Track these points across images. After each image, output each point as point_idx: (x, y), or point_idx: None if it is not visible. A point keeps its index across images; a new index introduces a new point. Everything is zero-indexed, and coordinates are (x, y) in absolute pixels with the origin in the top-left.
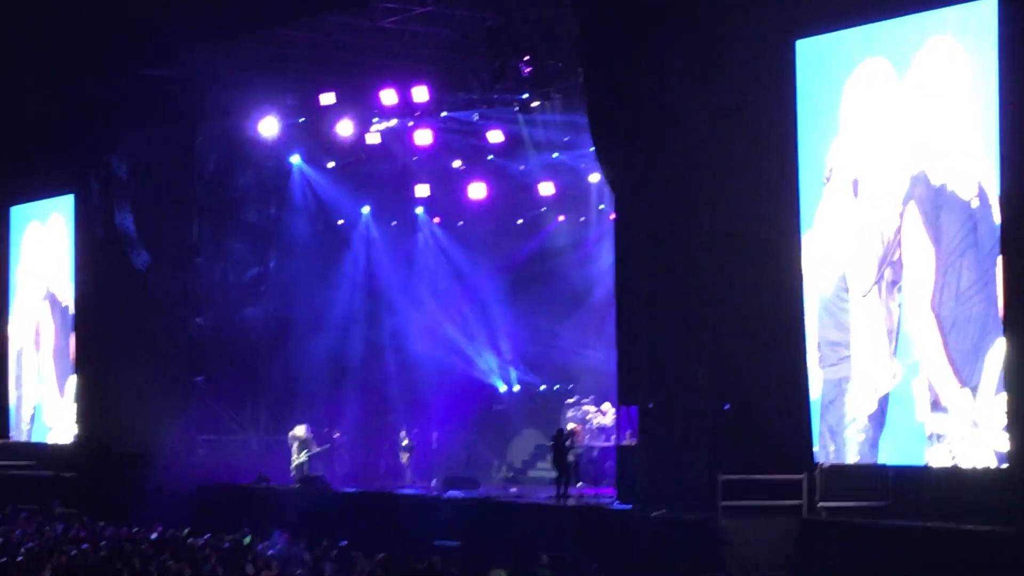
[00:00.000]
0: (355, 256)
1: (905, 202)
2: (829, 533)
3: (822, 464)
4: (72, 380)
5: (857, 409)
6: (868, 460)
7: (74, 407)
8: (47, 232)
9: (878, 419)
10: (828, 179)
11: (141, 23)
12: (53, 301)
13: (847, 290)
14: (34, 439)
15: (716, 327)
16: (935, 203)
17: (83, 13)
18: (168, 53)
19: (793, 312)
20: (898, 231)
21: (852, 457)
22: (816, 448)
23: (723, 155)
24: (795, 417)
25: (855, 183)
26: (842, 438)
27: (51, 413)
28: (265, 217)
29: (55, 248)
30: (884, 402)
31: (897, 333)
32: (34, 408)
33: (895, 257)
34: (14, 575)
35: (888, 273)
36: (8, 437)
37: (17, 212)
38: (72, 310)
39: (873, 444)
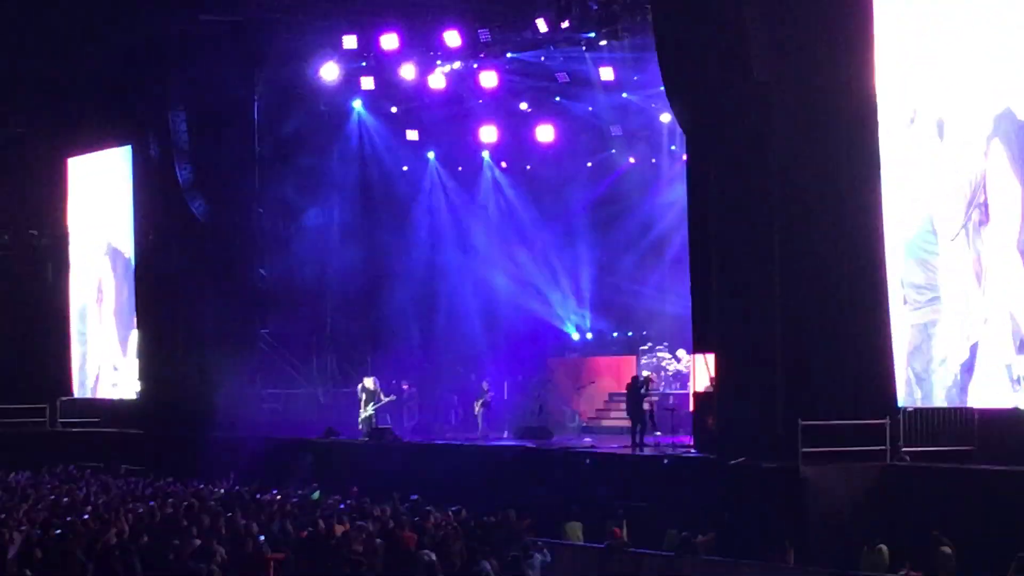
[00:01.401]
0: (422, 203)
1: (989, 140)
2: (913, 478)
3: (906, 408)
4: (135, 335)
5: (946, 353)
6: (956, 405)
7: (137, 363)
8: (106, 185)
9: (968, 364)
10: (913, 120)
11: None
12: (114, 255)
13: (934, 233)
14: (99, 396)
15: (793, 270)
16: (1020, 140)
17: None
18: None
19: (874, 255)
20: (984, 171)
21: (939, 402)
22: (901, 393)
23: (798, 92)
24: (878, 362)
25: (940, 124)
26: (929, 383)
27: (115, 369)
28: (328, 165)
29: (115, 201)
30: (975, 347)
31: (985, 276)
32: (98, 365)
33: (981, 199)
34: (81, 533)
35: (975, 215)
36: (72, 394)
37: (75, 164)
38: (133, 264)
39: (963, 389)
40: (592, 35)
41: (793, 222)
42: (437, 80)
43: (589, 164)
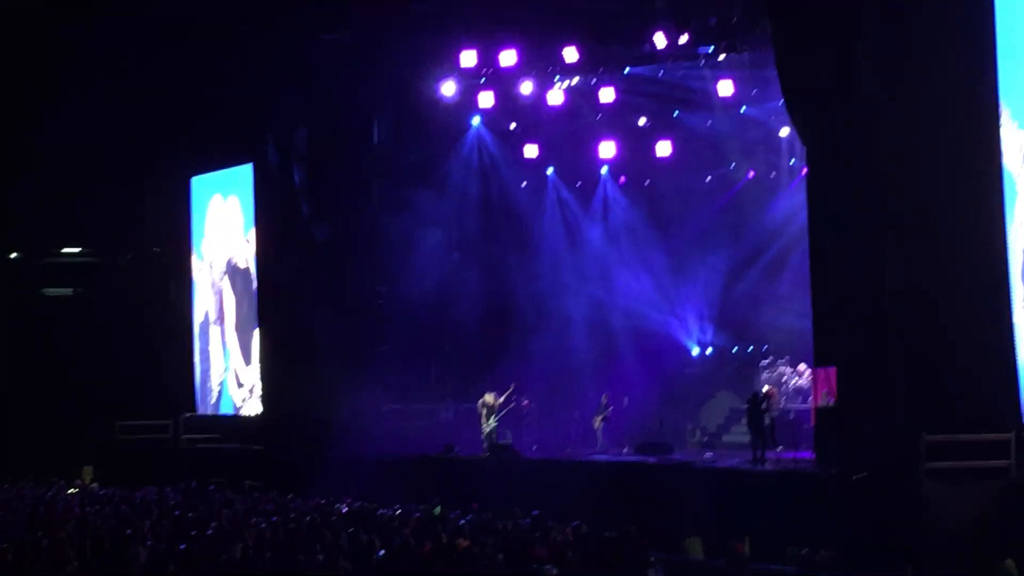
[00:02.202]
0: (541, 219)
1: None
2: None
3: None
4: (256, 351)
5: None
6: None
7: (259, 379)
8: (229, 204)
9: None
10: None
11: None
12: (234, 272)
13: None
14: (221, 411)
15: (913, 282)
16: None
17: None
18: (344, 16)
19: (997, 263)
20: None
21: None
22: None
23: (918, 102)
24: (1001, 374)
25: None
26: None
27: (236, 386)
28: (447, 181)
29: (236, 219)
30: None
31: None
32: (220, 382)
33: None
34: (206, 549)
35: None
36: (195, 410)
37: (198, 183)
38: (255, 280)
39: None
40: (711, 49)
41: (914, 233)
42: (555, 96)
43: (708, 179)
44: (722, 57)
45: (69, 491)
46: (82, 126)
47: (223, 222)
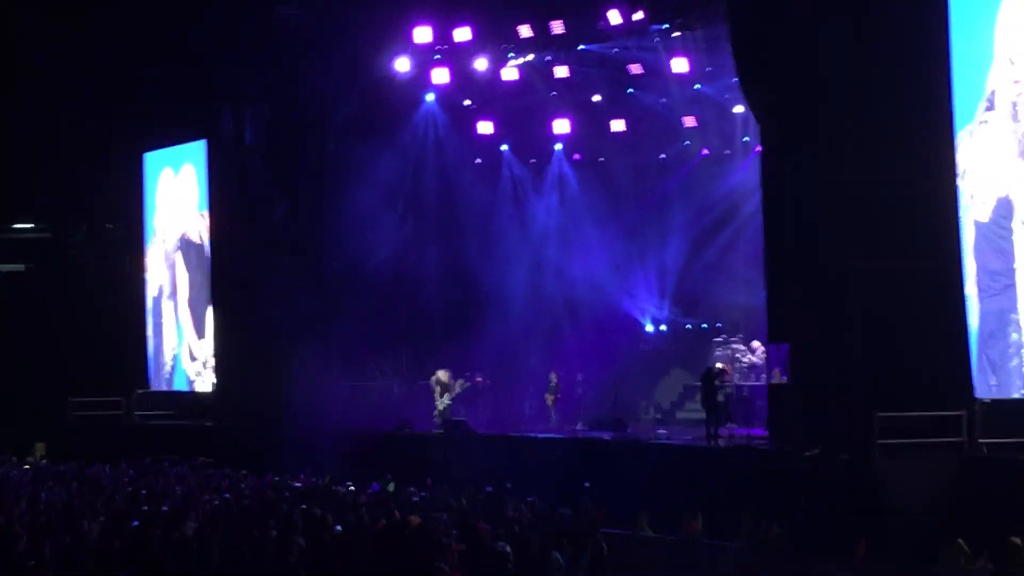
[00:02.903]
0: (495, 196)
1: None
2: (991, 470)
3: (982, 399)
4: (210, 327)
5: (1022, 341)
6: None
7: (212, 354)
8: (181, 179)
9: None
10: (990, 106)
11: None
12: (188, 248)
13: (1008, 217)
14: (175, 387)
15: (868, 260)
16: None
17: None
18: None
19: (950, 242)
20: None
21: (1016, 391)
22: (976, 382)
23: (872, 82)
24: (953, 350)
25: (1014, 106)
26: (1005, 371)
27: (190, 359)
28: (402, 158)
29: (190, 193)
30: None
31: None
32: (173, 357)
33: None
34: (158, 525)
35: None
36: (148, 387)
37: (152, 159)
38: (209, 257)
39: None
40: (665, 26)
41: (868, 211)
42: (510, 73)
43: (663, 156)
44: (676, 35)
45: (24, 467)
46: (35, 101)
47: (175, 197)
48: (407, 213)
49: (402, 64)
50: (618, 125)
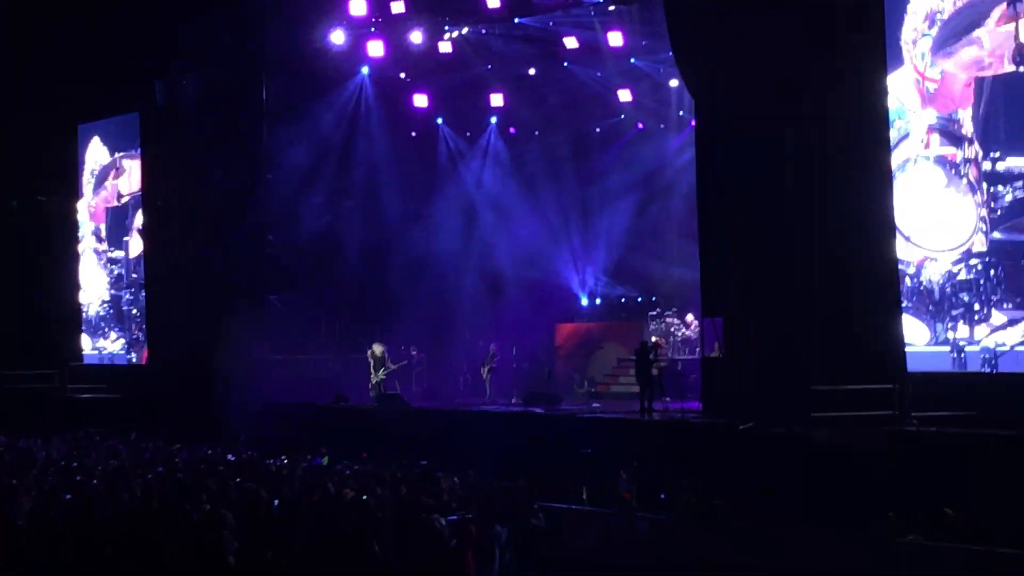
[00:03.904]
0: (430, 169)
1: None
2: (922, 444)
3: (914, 373)
4: (141, 299)
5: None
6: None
7: (145, 327)
8: (114, 149)
9: None
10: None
11: None
12: (120, 219)
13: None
14: (103, 357)
15: (802, 234)
16: None
17: None
18: None
19: (885, 212)
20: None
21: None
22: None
23: (809, 58)
24: (887, 324)
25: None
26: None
27: (118, 332)
28: (336, 131)
29: (124, 165)
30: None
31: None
32: (103, 324)
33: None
34: (91, 499)
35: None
36: (81, 360)
37: (85, 131)
38: (142, 226)
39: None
40: (601, 0)
41: (803, 182)
42: (445, 46)
43: (598, 130)
44: (612, 8)
45: None
46: None
47: (106, 169)
48: (342, 188)
49: (337, 36)
50: (553, 98)
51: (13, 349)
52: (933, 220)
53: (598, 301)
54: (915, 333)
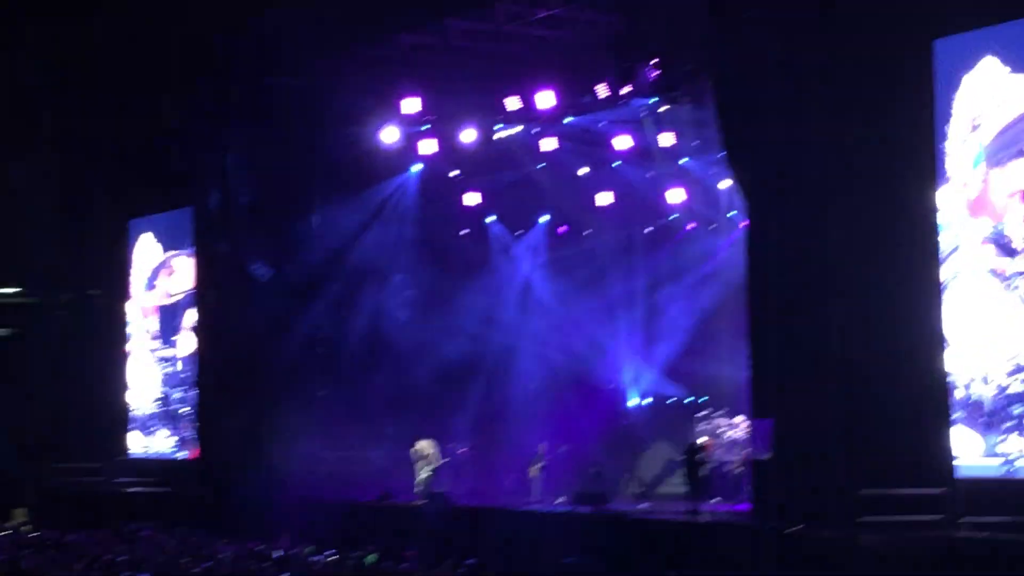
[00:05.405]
0: (481, 266)
1: None
2: (973, 549)
3: (964, 478)
4: (192, 394)
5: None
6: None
7: (193, 423)
8: (168, 245)
9: None
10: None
11: (262, 30)
12: (171, 315)
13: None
14: (151, 454)
15: (852, 335)
16: None
17: (205, 20)
18: (290, 61)
19: (933, 320)
20: None
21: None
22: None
23: (857, 158)
24: (935, 428)
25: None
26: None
27: (169, 429)
28: (388, 228)
29: (177, 262)
30: None
31: None
32: (152, 422)
33: None
34: None
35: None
36: (126, 454)
37: (136, 226)
38: (193, 324)
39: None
40: (653, 101)
41: (853, 286)
42: (497, 144)
43: (648, 230)
44: (663, 109)
45: (3, 533)
46: (24, 166)
47: (158, 268)
48: (393, 285)
49: (389, 134)
50: (604, 198)
51: (61, 445)
52: (984, 332)
53: (648, 401)
54: (967, 445)
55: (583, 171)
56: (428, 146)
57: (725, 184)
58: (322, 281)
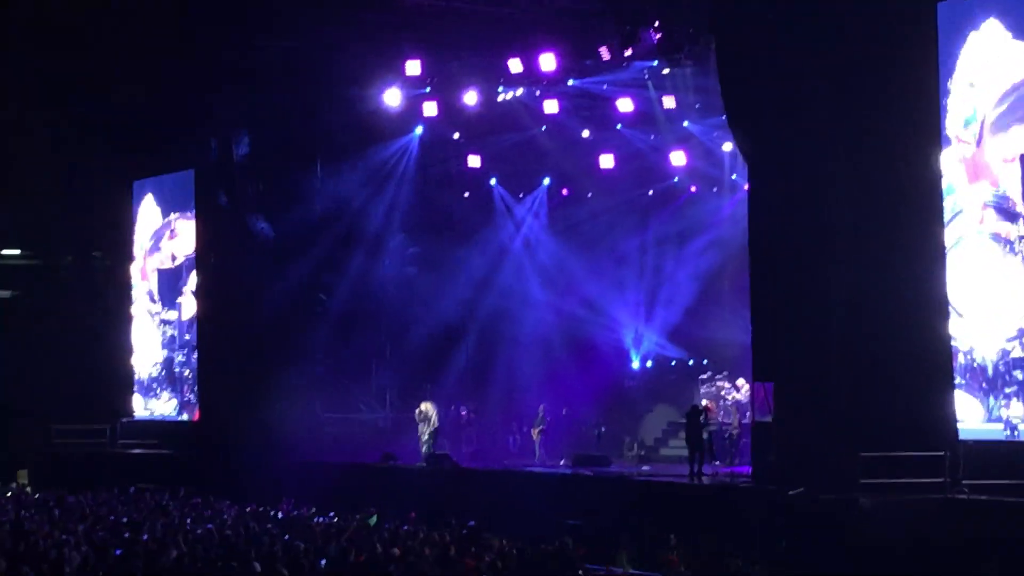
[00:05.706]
0: (483, 228)
1: None
2: (971, 512)
3: (966, 440)
4: (194, 359)
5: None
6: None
7: (196, 388)
8: (169, 206)
9: None
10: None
11: None
12: (174, 276)
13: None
14: (156, 416)
15: (853, 299)
16: None
17: None
18: (290, 22)
19: (936, 282)
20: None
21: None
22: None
23: (860, 122)
24: (938, 391)
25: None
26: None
27: (170, 392)
28: (389, 191)
29: (178, 223)
30: None
31: None
32: (155, 384)
33: None
34: (140, 554)
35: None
36: (132, 415)
37: (139, 187)
38: (194, 286)
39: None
40: (655, 64)
41: (854, 248)
42: (499, 107)
43: (651, 192)
44: (666, 71)
45: (7, 494)
46: (23, 130)
47: (160, 231)
48: (396, 247)
49: (392, 96)
50: (606, 161)
51: (65, 407)
52: (987, 297)
53: (649, 364)
54: (969, 410)
55: (585, 134)
56: (430, 108)
57: (728, 147)
58: (324, 243)
